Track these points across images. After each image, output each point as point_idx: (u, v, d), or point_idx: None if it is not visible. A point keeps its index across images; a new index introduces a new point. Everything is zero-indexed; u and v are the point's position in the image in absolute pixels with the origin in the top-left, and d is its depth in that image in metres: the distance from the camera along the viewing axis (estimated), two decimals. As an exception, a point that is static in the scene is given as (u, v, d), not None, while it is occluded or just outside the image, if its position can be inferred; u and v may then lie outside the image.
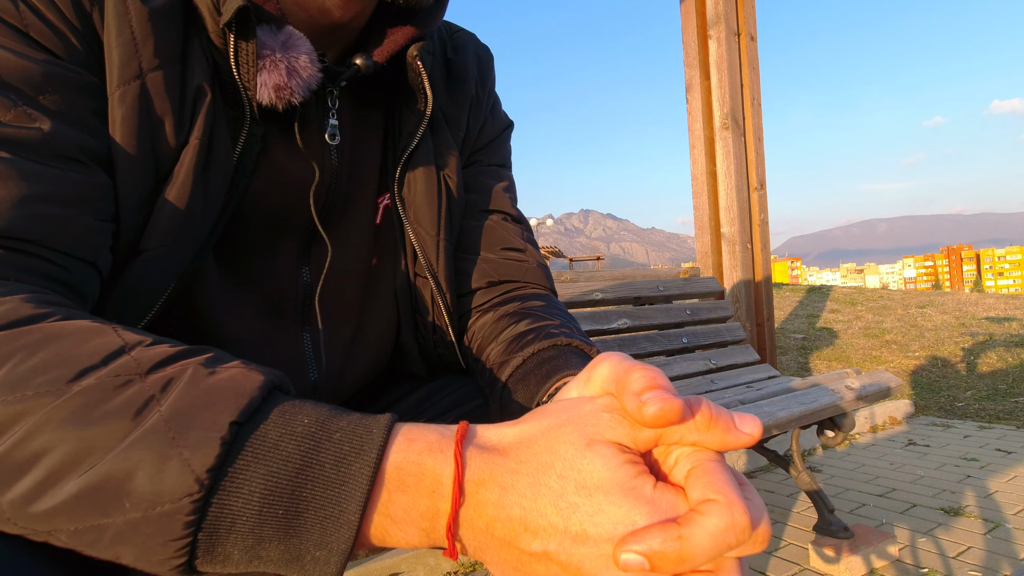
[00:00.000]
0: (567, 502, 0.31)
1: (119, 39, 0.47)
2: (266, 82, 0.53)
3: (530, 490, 0.32)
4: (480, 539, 0.33)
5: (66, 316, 0.37)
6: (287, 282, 0.64)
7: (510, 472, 0.32)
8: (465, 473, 0.33)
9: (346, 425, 0.34)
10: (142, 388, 0.33)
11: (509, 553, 0.32)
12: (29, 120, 0.42)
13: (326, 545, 0.33)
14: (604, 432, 0.33)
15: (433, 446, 0.34)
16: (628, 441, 0.33)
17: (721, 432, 0.33)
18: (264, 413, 0.34)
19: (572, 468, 0.32)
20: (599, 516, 0.30)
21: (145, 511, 0.31)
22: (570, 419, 0.33)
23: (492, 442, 0.35)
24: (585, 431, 0.33)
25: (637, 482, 0.31)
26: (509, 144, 0.81)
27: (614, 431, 0.33)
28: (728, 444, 0.33)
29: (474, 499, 0.33)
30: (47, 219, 0.42)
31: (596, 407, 0.34)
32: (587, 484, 0.31)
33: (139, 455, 0.31)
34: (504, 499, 0.32)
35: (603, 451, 0.32)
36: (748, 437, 0.33)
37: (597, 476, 0.31)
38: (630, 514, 0.30)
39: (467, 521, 0.33)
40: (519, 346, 0.61)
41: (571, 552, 0.31)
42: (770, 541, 1.14)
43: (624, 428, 0.33)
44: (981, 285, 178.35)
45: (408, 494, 0.33)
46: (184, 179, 0.50)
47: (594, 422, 0.33)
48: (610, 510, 0.30)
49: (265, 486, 0.32)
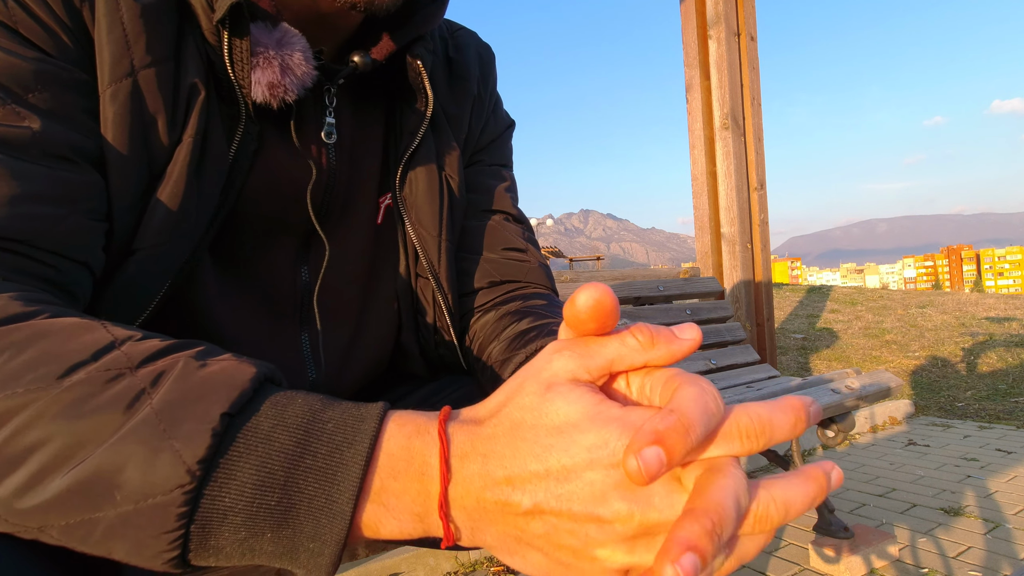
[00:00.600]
0: (541, 446, 0.31)
1: (110, 36, 0.47)
2: (260, 79, 0.53)
3: (509, 448, 0.32)
4: (474, 517, 0.33)
5: (55, 313, 0.37)
6: (285, 282, 0.63)
7: (488, 438, 0.33)
8: (450, 449, 0.33)
9: (338, 415, 0.34)
10: (132, 382, 0.33)
11: (505, 523, 0.32)
12: (19, 119, 0.42)
13: (319, 536, 0.32)
14: (558, 372, 0.33)
15: (420, 428, 0.34)
16: (582, 373, 0.33)
17: (665, 344, 0.34)
18: (256, 404, 0.34)
19: (540, 415, 0.32)
20: (573, 447, 0.31)
21: (136, 503, 0.31)
22: (528, 375, 0.34)
23: (470, 416, 0.35)
24: (541, 378, 0.33)
25: (601, 407, 0.31)
26: (511, 144, 0.81)
27: (566, 367, 0.33)
28: (674, 353, 0.34)
29: (460, 475, 0.33)
30: (37, 219, 0.42)
31: (545, 353, 0.34)
32: (556, 424, 0.31)
33: (130, 448, 0.31)
34: (487, 466, 0.32)
35: (560, 390, 0.32)
36: (690, 341, 0.34)
37: (563, 413, 0.32)
38: (600, 435, 0.30)
39: (457, 499, 0.33)
40: (521, 343, 0.61)
41: (558, 494, 0.31)
42: (770, 541, 1.14)
43: (574, 361, 0.33)
44: (981, 285, 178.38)
45: (399, 480, 0.33)
46: (178, 178, 0.50)
47: (547, 367, 0.33)
48: (581, 438, 0.31)
49: (257, 477, 0.32)
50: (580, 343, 0.34)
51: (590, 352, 0.33)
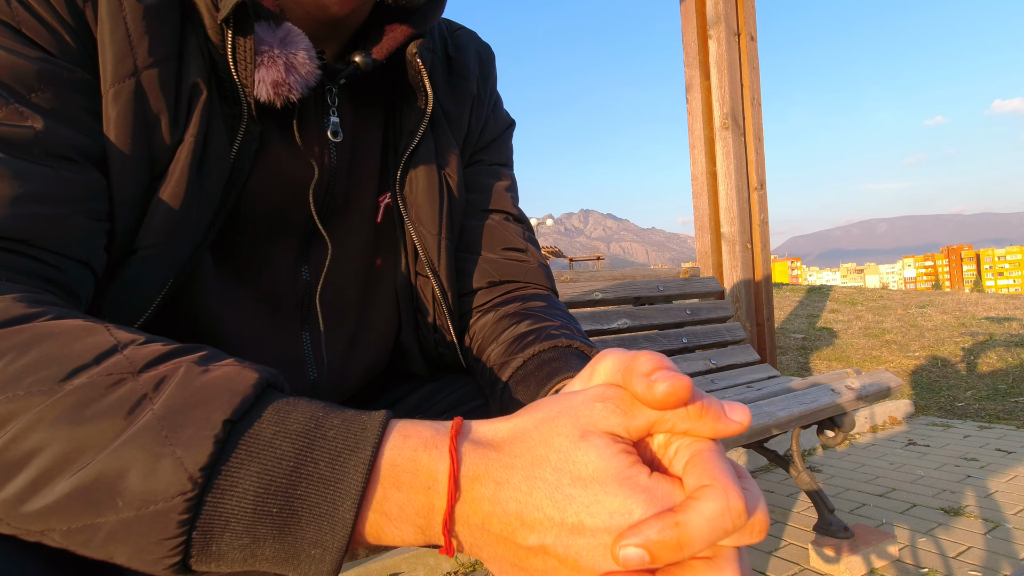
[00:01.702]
0: (563, 494, 0.31)
1: (113, 36, 0.47)
2: (264, 78, 0.53)
3: (525, 483, 0.31)
4: (476, 536, 0.33)
5: (58, 315, 0.37)
6: (286, 281, 0.63)
7: (505, 467, 0.32)
8: (460, 468, 0.33)
9: (341, 422, 0.34)
10: (135, 387, 0.33)
11: (506, 549, 0.32)
12: (21, 118, 0.42)
13: (321, 543, 0.32)
14: (597, 422, 0.32)
15: (428, 442, 0.34)
16: (621, 430, 0.33)
17: (712, 420, 0.33)
18: (258, 411, 0.34)
19: (567, 460, 0.31)
20: (595, 507, 0.30)
21: (138, 510, 0.31)
22: (563, 411, 0.33)
23: (486, 437, 0.34)
24: (579, 422, 0.32)
25: (632, 471, 0.31)
26: (511, 143, 0.81)
27: (607, 421, 0.33)
28: (719, 432, 0.33)
29: (469, 495, 0.32)
30: (39, 219, 0.41)
31: (588, 397, 0.34)
32: (582, 475, 0.31)
33: (132, 454, 0.31)
34: (500, 494, 0.32)
35: (597, 442, 0.32)
36: (738, 425, 0.33)
37: (592, 467, 0.31)
38: (626, 503, 0.30)
39: (463, 517, 0.33)
40: (520, 347, 0.61)
41: (568, 544, 0.30)
42: (770, 541, 1.15)
43: (617, 417, 0.33)
44: (981, 285, 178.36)
45: (403, 491, 0.33)
46: (179, 177, 0.50)
47: (587, 413, 0.33)
48: (606, 500, 0.30)
49: (259, 484, 0.32)
50: (626, 398, 0.33)
51: (634, 411, 0.33)
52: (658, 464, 0.34)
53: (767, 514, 0.31)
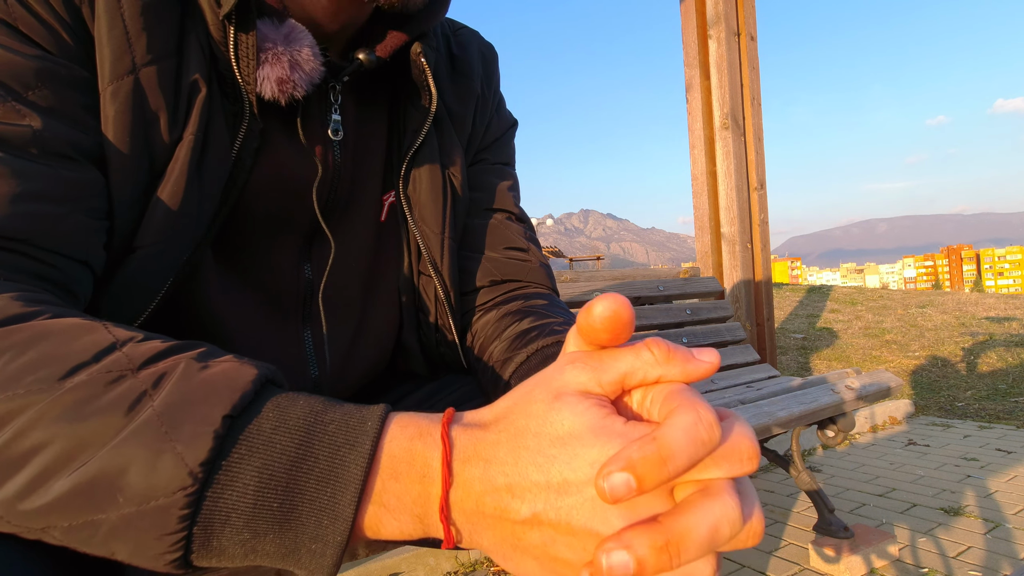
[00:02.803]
0: (544, 456, 0.31)
1: (111, 33, 0.46)
2: (268, 75, 0.53)
3: (511, 456, 0.32)
4: (473, 520, 0.33)
5: (56, 314, 0.37)
6: (288, 279, 0.63)
7: (491, 444, 0.33)
8: (452, 453, 0.33)
9: (340, 416, 0.34)
10: (134, 383, 0.33)
11: (503, 529, 0.32)
12: (19, 117, 0.42)
13: (321, 538, 0.32)
14: (569, 383, 0.33)
15: (422, 431, 0.34)
16: (593, 386, 0.33)
17: (681, 362, 0.33)
18: (257, 406, 0.34)
19: (544, 423, 0.32)
20: (576, 461, 0.30)
21: (139, 506, 0.31)
22: (538, 382, 0.34)
23: (475, 420, 0.35)
24: (551, 387, 0.33)
25: (607, 421, 0.31)
26: (513, 143, 0.81)
27: (577, 379, 0.33)
28: (689, 374, 0.33)
29: (462, 478, 0.33)
30: (38, 218, 0.41)
31: (559, 364, 0.34)
32: (560, 434, 0.31)
33: (132, 450, 0.31)
34: (488, 471, 0.32)
35: (569, 400, 0.32)
36: (708, 364, 0.33)
37: (568, 424, 0.31)
38: (603, 450, 0.30)
39: (458, 503, 0.33)
40: (522, 343, 0.61)
41: (558, 506, 0.31)
42: (770, 541, 1.15)
43: (586, 374, 0.33)
44: (981, 285, 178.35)
45: (400, 481, 0.33)
46: (179, 175, 0.50)
47: (558, 377, 0.33)
48: (584, 452, 0.30)
49: (259, 479, 0.32)
50: (594, 355, 0.34)
51: (604, 365, 0.33)
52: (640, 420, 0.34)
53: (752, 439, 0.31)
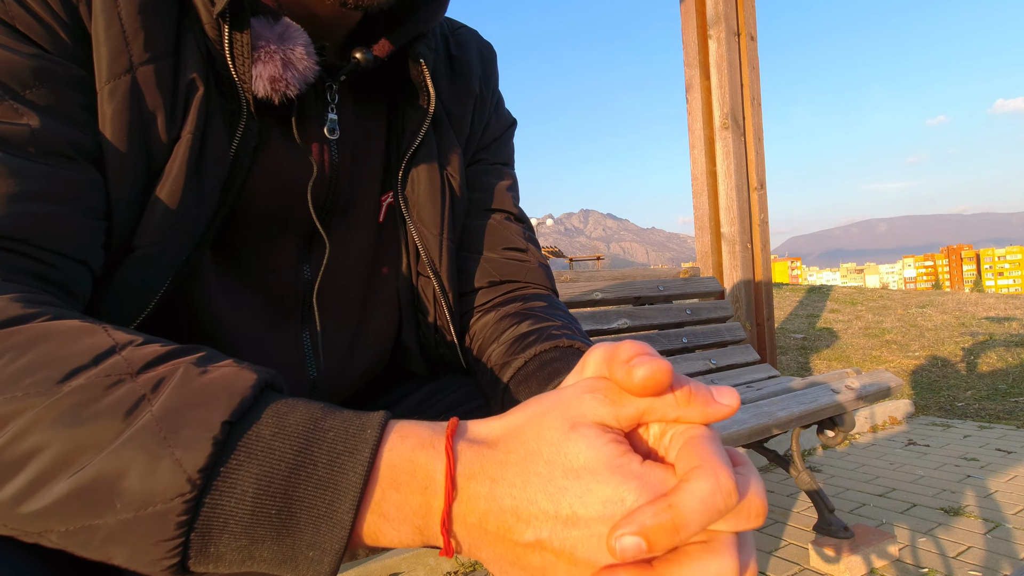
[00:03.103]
0: (556, 486, 0.31)
1: (108, 32, 0.46)
2: (261, 74, 0.52)
3: (519, 479, 0.31)
4: (474, 535, 0.33)
5: (56, 316, 0.37)
6: (287, 280, 0.63)
7: (499, 463, 0.32)
8: (457, 467, 0.33)
9: (339, 424, 0.34)
10: (133, 388, 0.33)
11: (503, 547, 0.32)
12: (16, 116, 0.42)
13: (319, 545, 0.32)
14: (586, 414, 0.32)
15: (425, 442, 0.34)
16: (611, 420, 0.33)
17: (700, 405, 0.33)
18: (257, 412, 0.34)
19: (558, 452, 0.31)
20: (588, 496, 0.30)
21: (137, 511, 0.31)
22: (553, 405, 0.33)
23: (481, 435, 0.34)
24: (568, 414, 0.32)
25: (623, 460, 0.31)
26: (512, 142, 0.80)
27: (596, 411, 0.33)
28: (708, 416, 0.33)
29: (466, 493, 0.32)
30: (36, 217, 0.41)
31: (577, 390, 0.34)
32: (574, 466, 0.31)
33: (130, 455, 0.31)
34: (495, 491, 0.32)
35: (587, 432, 0.32)
36: (727, 408, 0.33)
37: (583, 457, 0.31)
38: (618, 491, 0.30)
39: (460, 517, 0.33)
40: (521, 347, 0.61)
41: (563, 537, 0.30)
42: (770, 541, 1.15)
43: (605, 407, 0.33)
44: (981, 285, 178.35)
45: (401, 491, 0.33)
46: (177, 175, 0.50)
47: (576, 405, 0.33)
48: (598, 489, 0.30)
49: (258, 486, 0.32)
50: (614, 388, 0.33)
51: (623, 400, 0.33)
52: (654, 455, 0.34)
53: (763, 498, 0.31)
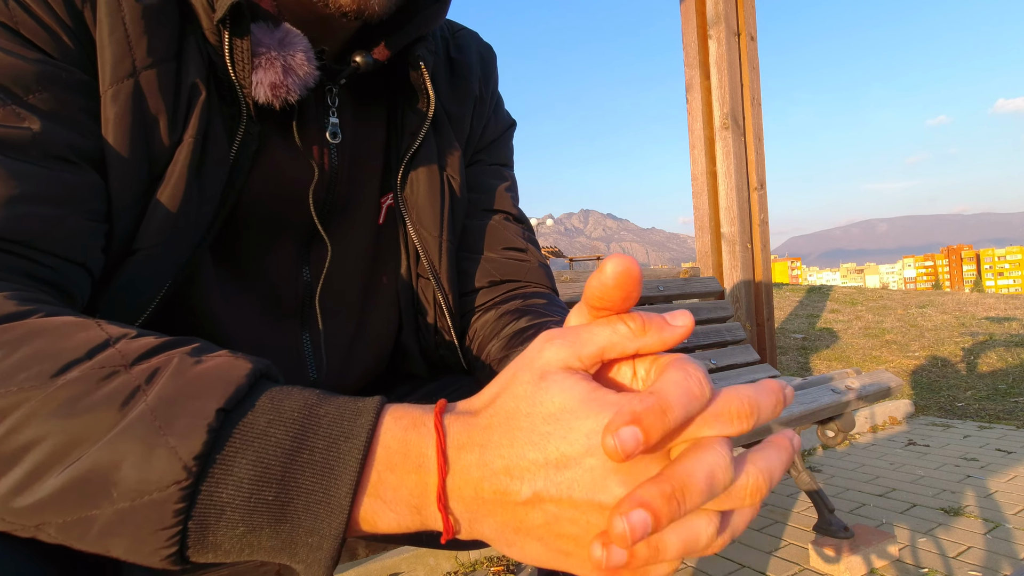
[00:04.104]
0: (539, 434, 0.31)
1: (112, 37, 0.47)
2: (262, 80, 0.53)
3: (506, 438, 0.32)
4: (472, 508, 0.33)
5: (49, 312, 0.37)
6: (287, 282, 0.63)
7: (484, 429, 0.33)
8: (447, 440, 0.33)
9: (335, 409, 0.34)
10: (127, 379, 0.33)
11: (504, 513, 0.32)
12: (18, 120, 0.42)
13: (318, 531, 0.32)
14: (550, 361, 0.33)
15: (416, 421, 0.34)
16: (574, 361, 0.33)
17: (656, 331, 0.33)
18: (251, 400, 0.34)
19: (534, 403, 0.32)
20: (571, 434, 0.31)
21: (133, 501, 0.31)
22: (520, 365, 0.34)
23: (466, 408, 0.35)
24: (534, 367, 0.33)
25: (597, 393, 0.32)
26: (512, 144, 0.81)
27: (558, 356, 0.33)
28: (666, 341, 0.34)
29: (458, 465, 0.33)
30: (36, 219, 0.41)
31: (537, 343, 0.34)
32: (552, 411, 0.31)
33: (126, 445, 0.31)
34: (484, 456, 0.32)
35: (555, 377, 0.32)
36: (682, 328, 0.34)
37: (558, 400, 0.32)
38: (598, 420, 0.30)
39: (455, 490, 0.33)
40: (520, 341, 0.61)
41: (558, 481, 0.31)
42: (770, 541, 1.14)
43: (566, 350, 0.33)
44: (981, 285, 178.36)
45: (396, 473, 0.33)
46: (178, 178, 0.50)
47: (539, 356, 0.33)
48: (578, 424, 0.31)
49: (254, 472, 0.32)
50: (571, 332, 0.34)
51: (581, 340, 0.34)
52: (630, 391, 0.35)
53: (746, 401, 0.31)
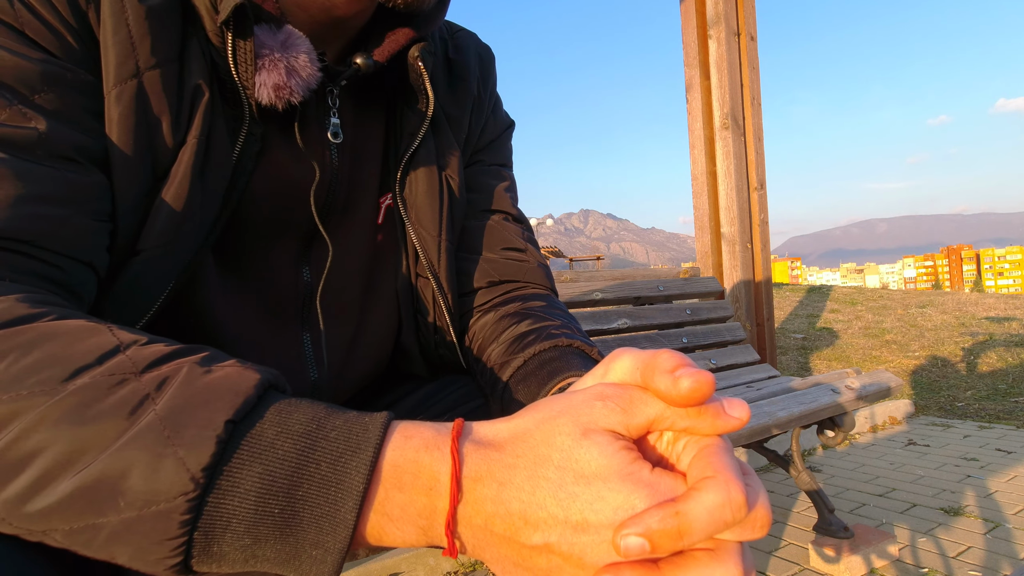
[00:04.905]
0: (566, 492, 0.31)
1: (115, 37, 0.47)
2: (265, 82, 0.53)
3: (528, 483, 0.31)
4: (479, 536, 0.33)
5: (61, 316, 0.37)
6: (287, 282, 0.64)
7: (507, 467, 0.32)
8: (462, 469, 0.33)
9: (342, 423, 0.34)
10: (137, 387, 0.33)
11: (510, 549, 0.32)
12: (24, 119, 0.42)
13: (322, 544, 0.32)
14: (598, 420, 0.32)
15: (430, 443, 0.34)
16: (622, 428, 0.33)
17: (711, 417, 0.33)
18: (260, 411, 0.34)
19: (569, 458, 0.31)
20: (599, 503, 0.30)
21: (140, 510, 0.31)
22: (563, 410, 0.33)
23: (488, 437, 0.34)
24: (580, 420, 0.32)
25: (634, 467, 0.31)
26: (510, 144, 0.81)
27: (608, 419, 0.33)
28: (718, 428, 0.33)
29: (472, 496, 0.32)
30: (42, 219, 0.42)
31: (588, 396, 0.34)
32: (585, 473, 0.31)
33: (134, 454, 0.31)
34: (502, 494, 0.32)
35: (599, 439, 0.32)
36: (737, 421, 0.33)
37: (595, 464, 0.31)
38: (629, 499, 0.30)
39: (465, 519, 0.33)
40: (520, 347, 0.61)
41: (572, 542, 0.31)
42: (770, 541, 1.15)
43: (616, 415, 0.33)
44: (981, 285, 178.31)
45: (405, 492, 0.33)
46: (182, 179, 0.50)
47: (588, 411, 0.33)
48: (609, 496, 0.30)
49: (261, 485, 0.32)
50: (626, 397, 0.33)
51: (634, 409, 0.33)
52: (664, 462, 0.34)
53: (769, 510, 0.31)
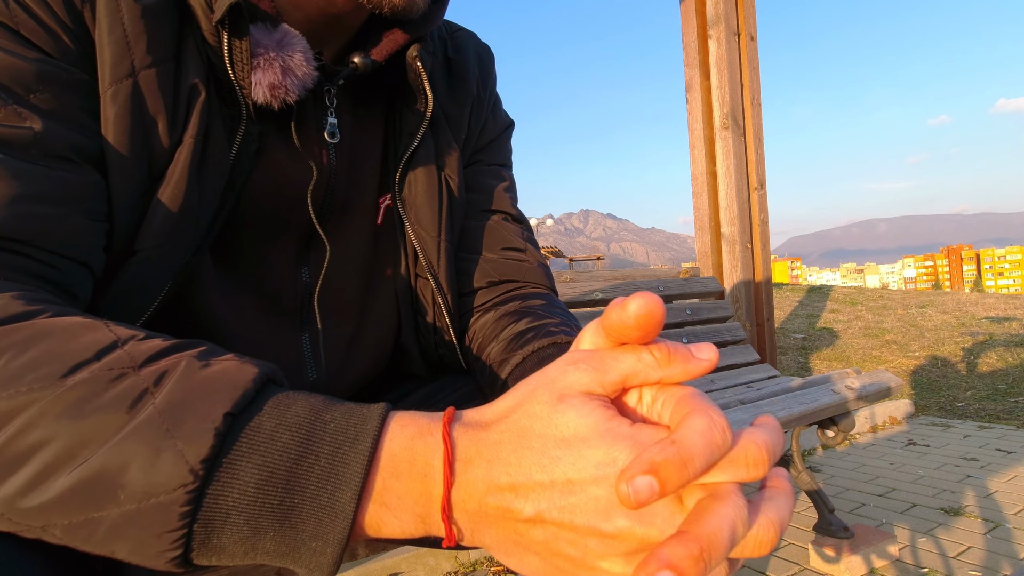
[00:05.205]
0: (549, 457, 0.31)
1: (111, 37, 0.47)
2: (260, 81, 0.53)
3: (514, 455, 0.32)
4: (475, 519, 0.33)
5: (57, 312, 0.37)
6: (286, 282, 0.64)
7: (493, 444, 0.33)
8: (454, 453, 0.33)
9: (340, 415, 0.34)
10: (136, 381, 0.33)
11: (505, 526, 0.32)
12: (20, 119, 0.42)
13: (322, 536, 0.33)
14: (572, 384, 0.33)
15: (423, 430, 0.34)
16: (596, 387, 0.33)
17: (681, 362, 0.33)
18: (258, 404, 0.34)
19: (548, 425, 0.32)
20: (580, 462, 0.31)
21: (139, 503, 0.31)
22: (540, 383, 0.34)
23: (475, 420, 0.35)
24: (555, 388, 0.33)
25: (612, 423, 0.32)
26: (510, 144, 0.81)
27: (580, 380, 0.33)
28: (690, 372, 0.34)
29: (464, 478, 0.33)
30: (38, 218, 0.42)
31: (560, 364, 0.34)
32: (565, 436, 0.32)
33: (133, 447, 0.31)
34: (491, 472, 0.32)
35: (574, 402, 0.32)
36: (707, 362, 0.34)
37: (573, 426, 0.32)
38: (609, 452, 0.31)
39: (459, 502, 0.33)
40: (519, 344, 0.61)
41: (561, 506, 0.31)
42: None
43: (589, 375, 0.33)
44: (981, 285, 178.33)
45: (402, 480, 0.33)
46: (178, 179, 0.50)
47: (561, 378, 0.33)
48: (589, 453, 0.31)
49: (260, 477, 0.32)
50: (596, 357, 0.34)
51: (605, 367, 0.33)
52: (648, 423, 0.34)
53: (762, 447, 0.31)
